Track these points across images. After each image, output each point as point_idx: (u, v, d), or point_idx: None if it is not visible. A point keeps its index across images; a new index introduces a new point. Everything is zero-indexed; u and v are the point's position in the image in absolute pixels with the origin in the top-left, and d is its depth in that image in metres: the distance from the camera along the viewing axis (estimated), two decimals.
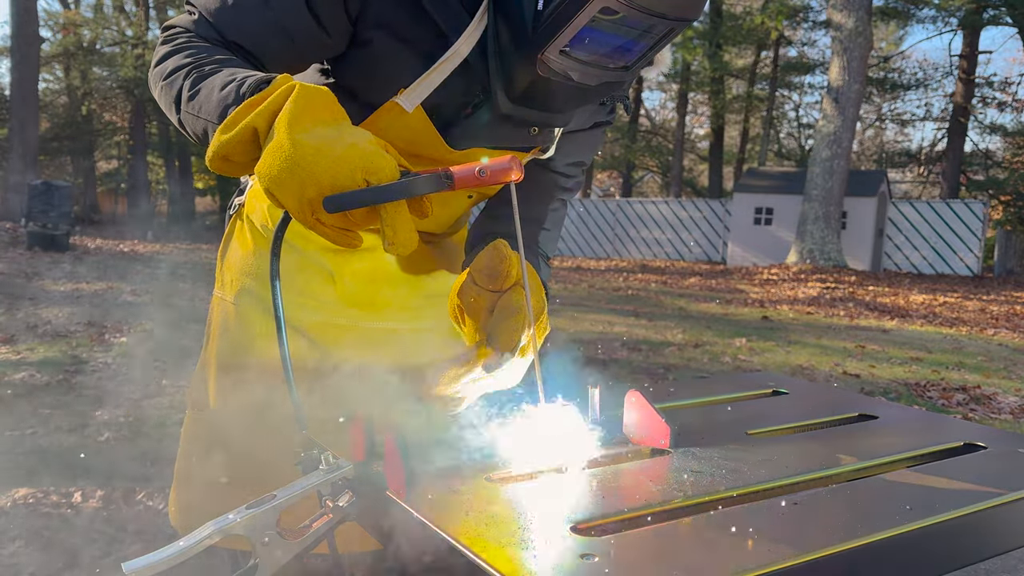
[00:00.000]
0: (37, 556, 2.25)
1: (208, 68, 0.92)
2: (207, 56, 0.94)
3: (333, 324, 1.15)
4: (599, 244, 21.85)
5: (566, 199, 1.24)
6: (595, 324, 7.65)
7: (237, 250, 1.19)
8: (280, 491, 0.69)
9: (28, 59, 17.87)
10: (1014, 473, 0.80)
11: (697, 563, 0.57)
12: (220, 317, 1.19)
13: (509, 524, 0.64)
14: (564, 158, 1.18)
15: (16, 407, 3.94)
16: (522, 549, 0.59)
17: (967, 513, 0.68)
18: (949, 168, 22.87)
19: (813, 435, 0.93)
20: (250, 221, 1.17)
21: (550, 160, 1.16)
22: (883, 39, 31.31)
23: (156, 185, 31.65)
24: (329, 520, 0.70)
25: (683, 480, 0.75)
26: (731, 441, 0.88)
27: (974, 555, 0.66)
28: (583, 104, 1.03)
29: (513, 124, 1.02)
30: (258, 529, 0.66)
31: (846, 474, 0.80)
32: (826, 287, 12.37)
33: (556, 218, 1.22)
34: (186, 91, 0.90)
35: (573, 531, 0.63)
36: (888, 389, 5.15)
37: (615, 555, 0.58)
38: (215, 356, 1.18)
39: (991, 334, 8.14)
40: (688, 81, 25.34)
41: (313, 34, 0.98)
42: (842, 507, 0.69)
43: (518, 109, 0.99)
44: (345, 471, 0.71)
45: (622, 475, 0.76)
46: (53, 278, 9.38)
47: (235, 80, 0.86)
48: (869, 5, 15.66)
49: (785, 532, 0.63)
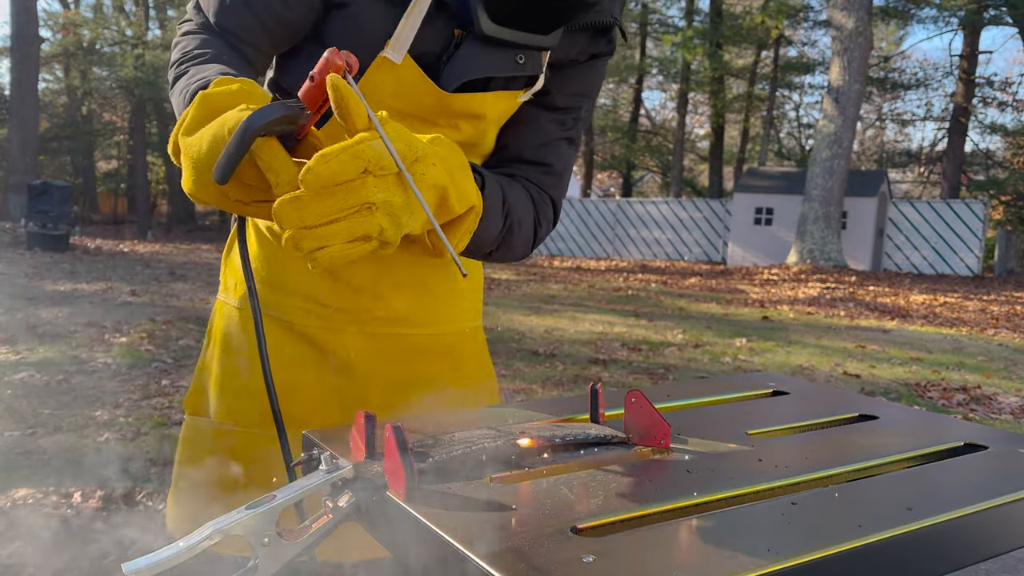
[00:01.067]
0: (37, 556, 2.25)
1: (184, 66, 0.97)
2: (190, 52, 0.99)
3: (340, 330, 1.13)
4: (599, 244, 21.85)
5: (572, 138, 1.18)
6: (595, 324, 7.65)
7: None
8: (280, 491, 0.69)
9: (28, 59, 17.88)
10: (1014, 473, 0.80)
11: (697, 563, 0.57)
12: (223, 321, 1.18)
13: (509, 525, 0.64)
14: (561, 92, 1.13)
15: (16, 407, 3.94)
16: (522, 550, 0.59)
17: (967, 513, 0.68)
18: (949, 168, 22.88)
19: (813, 435, 0.93)
20: (255, 224, 1.17)
21: (547, 97, 1.12)
22: (883, 39, 31.34)
23: (156, 185, 31.65)
24: (329, 520, 0.70)
25: (683, 480, 0.75)
26: (731, 441, 0.88)
27: (974, 555, 0.66)
28: (563, 21, 1.03)
29: (498, 50, 1.02)
30: (258, 529, 0.66)
31: (846, 474, 0.80)
32: (826, 287, 12.37)
33: (563, 160, 1.17)
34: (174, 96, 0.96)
35: (573, 531, 0.63)
36: (888, 389, 5.15)
37: (615, 555, 0.58)
38: (217, 361, 1.17)
39: (991, 334, 8.14)
40: (688, 81, 25.35)
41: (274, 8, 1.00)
42: (842, 507, 0.69)
43: (500, 30, 0.99)
44: (345, 471, 0.71)
45: (622, 475, 0.76)
46: (53, 278, 9.38)
47: (187, 91, 0.90)
48: (869, 5, 15.66)
49: (785, 532, 0.63)
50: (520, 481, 0.75)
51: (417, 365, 1.17)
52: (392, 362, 1.15)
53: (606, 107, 30.73)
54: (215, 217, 28.85)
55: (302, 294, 1.12)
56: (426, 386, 1.17)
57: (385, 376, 1.15)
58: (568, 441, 0.84)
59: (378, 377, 1.14)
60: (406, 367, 1.16)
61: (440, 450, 0.78)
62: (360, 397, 1.13)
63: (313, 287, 1.11)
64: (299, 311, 1.12)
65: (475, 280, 1.27)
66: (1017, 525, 0.71)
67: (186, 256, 14.11)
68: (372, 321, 1.13)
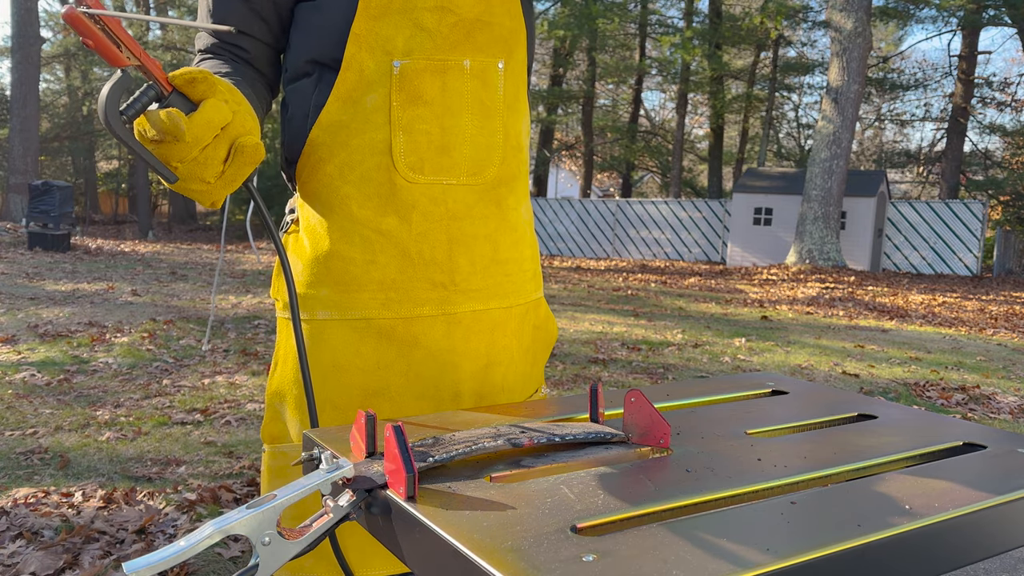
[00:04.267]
0: (37, 556, 2.25)
1: None
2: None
3: (420, 316, 1.08)
4: (599, 244, 21.85)
5: None
6: (595, 324, 7.65)
7: (297, 263, 1.12)
8: (280, 491, 0.69)
9: (29, 59, 17.87)
10: (1014, 473, 0.80)
11: (697, 563, 0.57)
12: (287, 338, 1.13)
13: (509, 524, 0.64)
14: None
15: (17, 407, 3.94)
16: (522, 549, 0.59)
17: (967, 513, 0.68)
18: (948, 168, 22.88)
19: (812, 435, 0.93)
20: (307, 224, 1.12)
21: None
22: (883, 39, 31.34)
23: (156, 185, 31.63)
24: (329, 520, 0.71)
25: (683, 480, 0.75)
26: (730, 441, 0.88)
27: (973, 554, 0.66)
28: None
29: None
30: (258, 529, 0.66)
31: (845, 474, 0.80)
32: (825, 287, 12.37)
33: None
34: None
35: (573, 531, 0.63)
36: (887, 389, 5.16)
37: (615, 555, 0.58)
38: (293, 381, 1.11)
39: (990, 334, 8.14)
40: (687, 81, 25.35)
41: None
42: (841, 507, 0.69)
43: None
44: (345, 471, 0.71)
45: (622, 475, 0.77)
46: (54, 278, 9.38)
47: None
48: (869, 5, 15.66)
49: (784, 532, 0.63)
50: (520, 481, 0.75)
51: (495, 342, 1.14)
52: (475, 342, 1.12)
53: (605, 107, 30.75)
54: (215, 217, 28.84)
55: (375, 282, 1.07)
56: (506, 364, 1.16)
57: (472, 358, 1.12)
58: (568, 441, 0.85)
59: (465, 361, 1.11)
60: (487, 346, 1.13)
61: (440, 449, 0.78)
62: (451, 386, 1.10)
63: (383, 270, 1.07)
64: (373, 302, 1.07)
65: (533, 248, 1.23)
66: (1016, 525, 0.71)
67: (187, 256, 14.11)
68: (450, 300, 1.09)
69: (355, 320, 1.08)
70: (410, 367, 1.08)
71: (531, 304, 1.22)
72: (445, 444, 0.80)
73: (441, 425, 0.93)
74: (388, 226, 1.06)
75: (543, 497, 0.70)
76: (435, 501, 0.69)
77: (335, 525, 0.71)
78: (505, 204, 1.14)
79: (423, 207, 1.06)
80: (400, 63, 1.03)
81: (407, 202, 1.06)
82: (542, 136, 27.53)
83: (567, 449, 0.84)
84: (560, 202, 22.37)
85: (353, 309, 1.08)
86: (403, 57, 1.03)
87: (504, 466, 0.79)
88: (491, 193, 1.11)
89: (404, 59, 1.03)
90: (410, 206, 1.06)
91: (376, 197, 1.06)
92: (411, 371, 1.09)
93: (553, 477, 0.76)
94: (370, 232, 1.07)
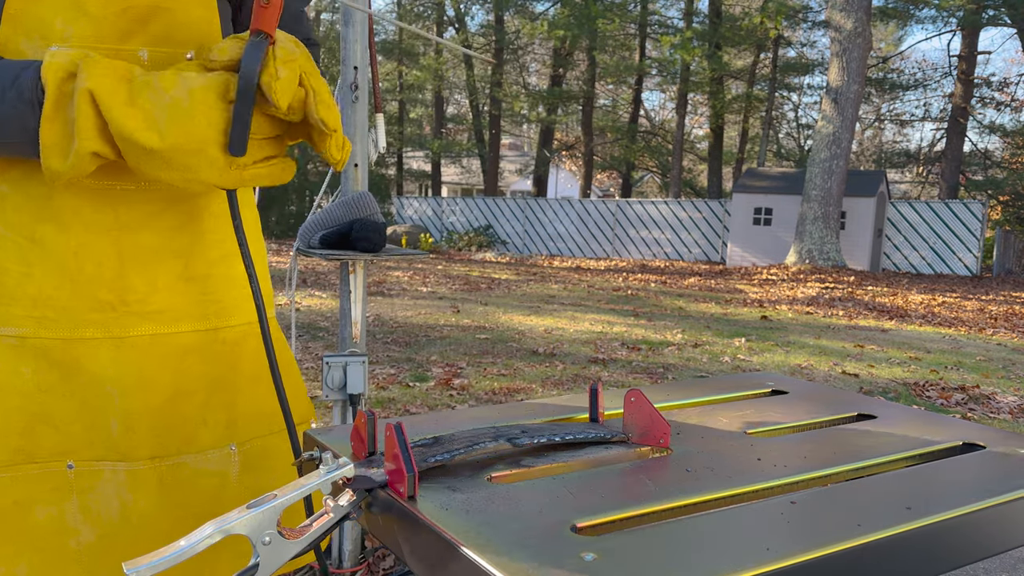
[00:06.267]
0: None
1: None
2: None
3: (82, 338, 0.95)
4: (598, 244, 21.85)
5: None
6: (595, 324, 7.65)
7: None
8: (280, 491, 0.69)
9: None
10: (1013, 473, 0.80)
11: (696, 562, 0.57)
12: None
13: (509, 524, 0.64)
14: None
15: None
16: (522, 549, 0.59)
17: (966, 513, 0.68)
18: (948, 168, 22.89)
19: (812, 435, 0.93)
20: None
21: None
22: (882, 39, 31.36)
23: None
24: (329, 520, 0.71)
25: (683, 480, 0.75)
26: (730, 441, 0.88)
27: (972, 554, 0.66)
28: None
29: None
30: (258, 529, 0.66)
31: (845, 474, 0.80)
32: (825, 287, 12.38)
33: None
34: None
35: (573, 531, 0.63)
36: (887, 389, 5.16)
37: (615, 554, 0.58)
38: None
39: (990, 334, 8.14)
40: (687, 82, 25.35)
41: None
42: (841, 507, 0.69)
43: None
44: (345, 471, 0.71)
45: (622, 475, 0.77)
46: None
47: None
48: (868, 6, 15.67)
49: (784, 531, 0.63)
50: (520, 480, 0.75)
51: (187, 370, 1.01)
52: (153, 369, 0.98)
53: (605, 107, 30.75)
54: None
55: (29, 297, 0.93)
56: (208, 394, 1.03)
57: (149, 388, 0.98)
58: (568, 440, 0.85)
59: (140, 392, 0.97)
60: (173, 374, 0.99)
61: (440, 449, 0.78)
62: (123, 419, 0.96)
63: (38, 284, 0.93)
64: (29, 320, 0.93)
65: (259, 263, 1.07)
66: (1015, 524, 0.71)
67: None
68: (120, 322, 0.96)
69: (10, 337, 0.94)
70: (74, 393, 0.95)
71: (254, 325, 1.07)
72: (445, 444, 0.80)
73: (441, 425, 0.93)
74: (43, 234, 0.93)
75: (543, 497, 0.70)
76: (435, 501, 0.69)
77: (335, 525, 0.71)
78: (207, 212, 1.02)
79: (86, 216, 0.93)
80: (59, 49, 0.87)
81: (67, 208, 0.93)
82: (542, 136, 27.53)
83: (567, 449, 0.84)
84: (560, 202, 22.38)
85: (8, 325, 0.94)
86: (61, 43, 0.89)
87: (504, 466, 0.79)
88: (184, 201, 0.99)
89: (62, 45, 0.89)
90: (71, 212, 0.93)
91: (37, 199, 0.93)
92: (76, 397, 0.95)
93: (553, 477, 0.76)
94: (23, 240, 0.93)
